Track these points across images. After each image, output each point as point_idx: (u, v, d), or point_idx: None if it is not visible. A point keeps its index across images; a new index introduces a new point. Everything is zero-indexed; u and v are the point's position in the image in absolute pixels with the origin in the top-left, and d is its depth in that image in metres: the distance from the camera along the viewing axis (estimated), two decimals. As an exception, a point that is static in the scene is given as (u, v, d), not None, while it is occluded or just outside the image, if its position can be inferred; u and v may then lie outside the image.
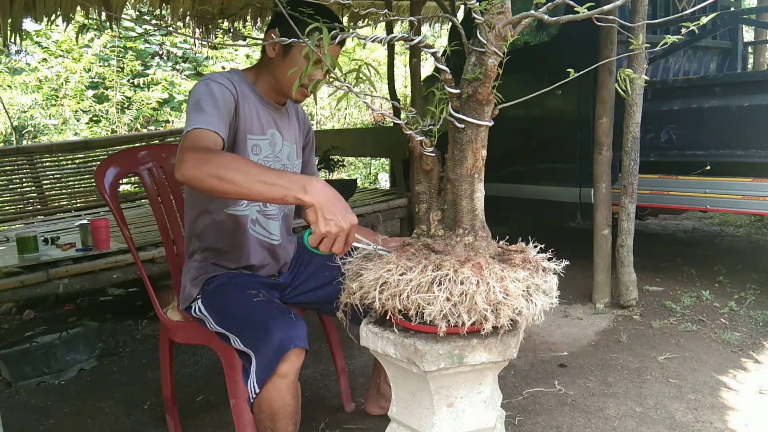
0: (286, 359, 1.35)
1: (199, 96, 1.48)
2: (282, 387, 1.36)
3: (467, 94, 1.15)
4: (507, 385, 2.23)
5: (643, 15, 2.72)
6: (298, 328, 1.41)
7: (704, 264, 3.57)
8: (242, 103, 1.59)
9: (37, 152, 4.84)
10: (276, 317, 1.44)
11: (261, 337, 1.40)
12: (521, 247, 1.25)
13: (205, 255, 1.69)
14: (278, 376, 1.35)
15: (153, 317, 3.11)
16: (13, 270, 2.69)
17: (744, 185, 2.85)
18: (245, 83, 1.64)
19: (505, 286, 1.07)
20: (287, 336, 1.37)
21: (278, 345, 1.35)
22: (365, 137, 5.86)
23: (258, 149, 1.65)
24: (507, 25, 1.08)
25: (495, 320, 1.05)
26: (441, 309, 1.04)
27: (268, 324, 1.41)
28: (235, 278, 1.66)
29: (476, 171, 1.20)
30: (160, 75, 8.54)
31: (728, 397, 2.07)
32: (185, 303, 1.68)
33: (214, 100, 1.48)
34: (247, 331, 1.47)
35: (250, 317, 1.49)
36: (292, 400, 1.38)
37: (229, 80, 1.57)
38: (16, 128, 7.31)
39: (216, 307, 1.59)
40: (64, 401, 2.35)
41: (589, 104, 3.20)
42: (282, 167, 1.72)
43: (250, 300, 1.52)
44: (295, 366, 1.37)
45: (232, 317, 1.53)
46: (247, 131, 1.61)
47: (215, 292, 1.62)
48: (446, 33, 7.04)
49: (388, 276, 1.11)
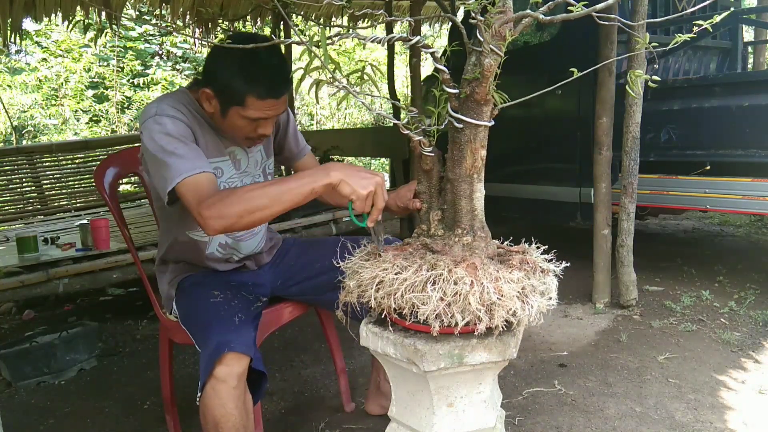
0: (222, 362, 1.30)
1: (159, 140, 1.37)
2: (222, 393, 1.30)
3: (465, 94, 1.15)
4: (507, 385, 2.23)
5: (643, 15, 2.72)
6: (240, 332, 1.37)
7: (704, 264, 3.57)
8: (194, 128, 1.47)
9: (37, 152, 4.84)
10: (217, 319, 1.42)
11: (203, 339, 1.39)
12: (523, 248, 1.25)
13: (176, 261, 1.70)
14: (215, 379, 1.30)
15: (153, 317, 3.11)
16: (13, 270, 2.69)
17: (744, 185, 2.85)
18: (193, 107, 1.50)
19: (499, 286, 1.07)
20: (224, 339, 1.33)
21: (214, 348, 1.32)
22: (365, 137, 5.87)
23: (220, 172, 1.55)
24: (504, 25, 1.08)
25: (489, 321, 1.05)
26: (435, 308, 1.05)
27: (211, 325, 1.40)
28: (209, 277, 1.65)
29: (475, 171, 1.20)
30: (160, 75, 8.54)
31: (728, 397, 2.07)
32: (168, 306, 1.70)
33: (175, 139, 1.38)
34: (198, 333, 1.46)
35: (201, 317, 1.48)
36: (235, 411, 1.31)
37: (177, 109, 1.44)
38: (16, 128, 7.32)
39: (182, 307, 1.60)
40: (64, 401, 2.35)
41: (589, 104, 3.20)
42: (251, 178, 1.65)
43: (208, 300, 1.51)
44: (234, 371, 1.31)
45: (190, 318, 1.54)
46: (206, 155, 1.46)
47: (185, 292, 1.63)
48: (446, 33, 7.04)
49: (383, 275, 1.12)
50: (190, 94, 1.52)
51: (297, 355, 2.64)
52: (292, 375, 2.44)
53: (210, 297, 1.52)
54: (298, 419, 2.07)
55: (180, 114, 1.43)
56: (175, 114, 1.42)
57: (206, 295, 1.54)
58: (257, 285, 1.73)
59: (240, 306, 1.51)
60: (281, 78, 1.43)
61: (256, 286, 1.72)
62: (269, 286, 1.78)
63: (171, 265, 1.71)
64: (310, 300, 1.82)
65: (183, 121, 1.43)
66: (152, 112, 1.42)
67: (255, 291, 1.68)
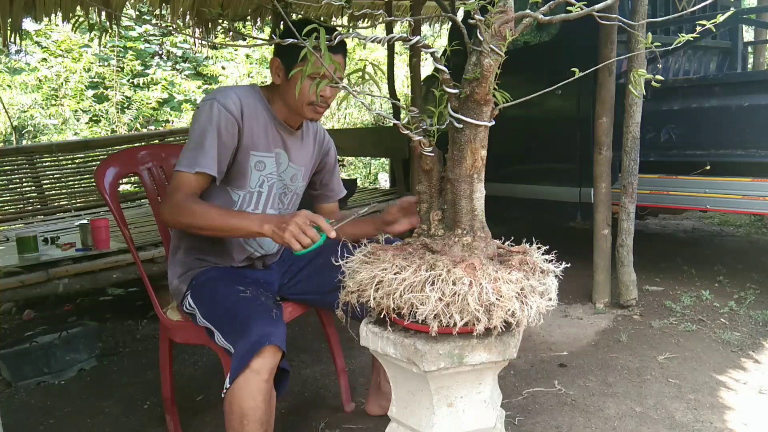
0: (261, 354, 1.35)
1: (201, 124, 1.55)
2: (253, 384, 1.35)
3: (465, 94, 1.15)
4: (507, 385, 2.23)
5: (643, 15, 2.72)
6: (278, 326, 1.42)
7: (704, 264, 3.57)
8: (249, 120, 1.61)
9: (37, 152, 4.84)
10: (257, 313, 1.45)
11: (240, 332, 1.41)
12: (524, 248, 1.25)
13: (191, 251, 1.72)
14: (251, 370, 1.34)
15: (153, 317, 3.11)
16: (13, 270, 2.69)
17: (744, 185, 2.85)
18: (260, 101, 1.66)
19: (498, 287, 1.06)
20: (265, 332, 1.38)
21: (255, 340, 1.36)
22: (365, 137, 5.86)
23: (262, 165, 1.67)
24: (504, 25, 1.08)
25: (488, 321, 1.05)
26: (433, 309, 1.05)
27: (249, 319, 1.43)
28: (226, 272, 1.68)
29: (475, 171, 1.20)
30: (159, 75, 8.54)
31: (728, 397, 2.07)
32: (177, 298, 1.72)
33: (212, 129, 1.54)
34: (229, 326, 1.48)
35: (233, 312, 1.50)
36: (263, 404, 1.36)
37: (237, 98, 1.59)
38: (16, 128, 7.32)
39: (204, 301, 1.61)
40: (64, 401, 2.35)
41: (589, 104, 3.20)
42: (283, 186, 1.75)
43: (237, 295, 1.54)
44: (268, 364, 1.36)
45: (218, 311, 1.55)
46: (251, 147, 1.63)
47: (204, 286, 1.64)
48: (446, 33, 7.04)
49: (383, 275, 1.12)
50: (259, 90, 1.68)
51: (297, 355, 2.64)
52: (292, 375, 2.44)
53: (237, 292, 1.55)
54: (298, 419, 2.07)
55: (233, 104, 1.58)
56: (226, 103, 1.57)
57: (232, 290, 1.57)
58: (268, 283, 1.77)
59: (269, 302, 1.56)
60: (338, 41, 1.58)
61: (268, 284, 1.76)
62: (277, 285, 1.81)
63: (183, 255, 1.72)
64: (314, 300, 1.83)
65: (231, 112, 1.57)
66: (214, 95, 1.59)
67: (269, 289, 1.72)
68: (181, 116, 8.37)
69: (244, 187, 1.67)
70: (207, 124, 1.55)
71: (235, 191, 1.67)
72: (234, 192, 1.67)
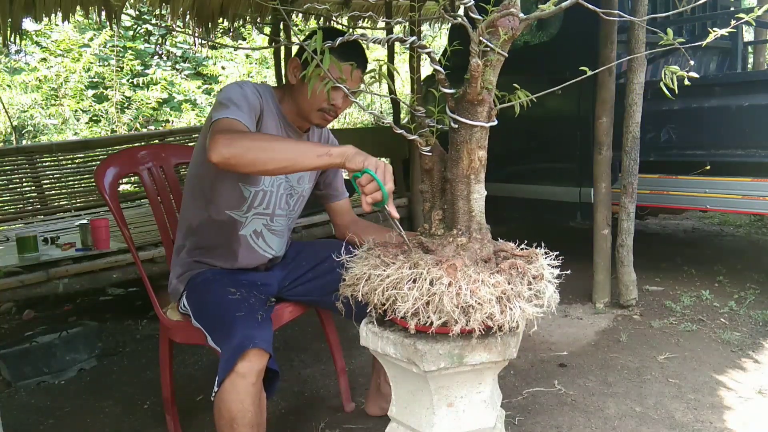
0: (245, 358, 1.34)
1: (232, 94, 1.52)
2: (240, 388, 1.33)
3: (459, 94, 1.16)
4: (507, 385, 2.23)
5: (643, 14, 2.72)
6: (263, 329, 1.41)
7: (704, 264, 3.57)
8: (265, 116, 1.61)
9: (37, 152, 4.83)
10: (243, 315, 1.44)
11: (226, 334, 1.41)
12: (530, 253, 1.23)
13: (193, 252, 1.71)
14: (236, 374, 1.33)
15: (153, 317, 3.11)
16: (13, 270, 2.69)
17: (744, 185, 2.85)
18: (272, 100, 1.66)
19: (476, 289, 1.06)
20: (248, 335, 1.36)
21: (238, 342, 1.35)
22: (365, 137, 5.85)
23: None
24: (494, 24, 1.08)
25: (465, 323, 1.05)
26: (412, 306, 1.05)
27: (233, 321, 1.42)
28: (220, 275, 1.67)
29: (472, 172, 1.20)
30: (159, 75, 8.53)
31: (728, 397, 2.07)
32: (175, 299, 1.73)
33: (245, 99, 1.52)
34: (217, 328, 1.48)
35: (220, 314, 1.50)
36: (251, 407, 1.35)
37: (258, 91, 1.60)
38: (16, 128, 7.30)
39: (196, 302, 1.61)
40: (64, 401, 2.35)
41: (589, 104, 3.20)
42: (290, 188, 1.75)
43: (226, 297, 1.53)
44: (255, 367, 1.35)
45: (207, 313, 1.56)
46: None
47: (198, 288, 1.64)
48: (446, 33, 7.03)
49: (371, 271, 1.13)
50: (271, 89, 1.69)
51: (297, 355, 2.64)
52: (292, 375, 2.44)
53: (228, 294, 1.54)
54: (298, 419, 2.07)
55: (257, 94, 1.59)
56: (253, 90, 1.58)
57: (223, 291, 1.56)
58: (266, 285, 1.75)
59: (258, 304, 1.55)
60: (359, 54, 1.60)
61: (265, 286, 1.75)
62: (277, 286, 1.80)
63: (185, 255, 1.72)
64: (315, 301, 1.83)
65: (258, 97, 1.58)
66: (237, 81, 1.63)
67: (264, 291, 1.71)
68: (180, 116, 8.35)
69: (257, 184, 1.66)
70: (236, 94, 1.52)
71: (247, 188, 1.65)
72: (246, 188, 1.65)
